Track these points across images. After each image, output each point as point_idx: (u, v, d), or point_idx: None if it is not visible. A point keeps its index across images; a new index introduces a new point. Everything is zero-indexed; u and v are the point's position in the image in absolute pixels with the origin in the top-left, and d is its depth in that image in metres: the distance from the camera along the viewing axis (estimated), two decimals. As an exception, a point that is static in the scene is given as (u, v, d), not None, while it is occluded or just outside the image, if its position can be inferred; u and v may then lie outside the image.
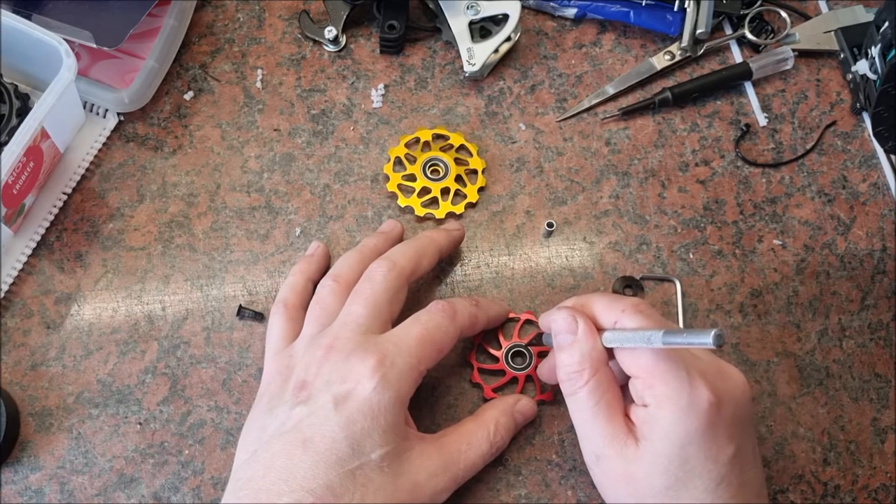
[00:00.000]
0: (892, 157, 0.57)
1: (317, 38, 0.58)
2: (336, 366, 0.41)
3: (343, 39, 0.58)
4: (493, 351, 0.51)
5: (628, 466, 0.41)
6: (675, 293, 0.53)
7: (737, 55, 0.59)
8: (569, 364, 0.42)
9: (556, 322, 0.44)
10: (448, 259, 0.53)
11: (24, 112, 0.50)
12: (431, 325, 0.44)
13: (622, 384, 0.43)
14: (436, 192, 0.54)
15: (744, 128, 0.57)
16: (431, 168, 0.55)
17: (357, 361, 0.41)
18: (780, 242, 0.55)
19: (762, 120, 0.58)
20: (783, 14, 0.59)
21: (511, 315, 0.52)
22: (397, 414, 0.41)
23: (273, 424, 0.42)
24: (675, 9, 0.58)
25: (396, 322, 0.46)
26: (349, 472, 0.39)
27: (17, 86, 0.51)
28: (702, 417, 0.39)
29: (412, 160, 0.55)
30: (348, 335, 0.43)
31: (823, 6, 0.61)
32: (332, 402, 0.40)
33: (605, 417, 0.42)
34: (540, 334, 0.48)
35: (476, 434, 0.45)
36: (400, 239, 0.52)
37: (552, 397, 0.50)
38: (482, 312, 0.48)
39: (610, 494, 0.43)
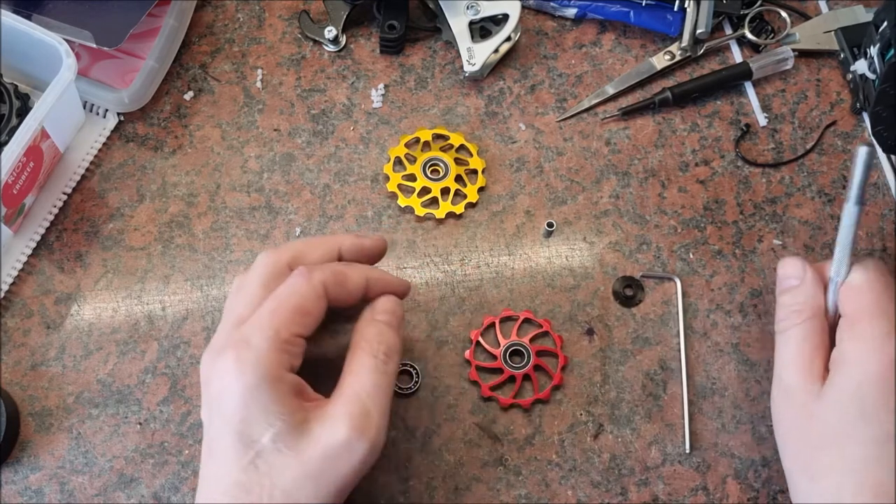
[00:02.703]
0: (892, 157, 0.57)
1: (317, 38, 0.58)
2: (210, 367, 0.41)
3: (343, 39, 0.58)
4: (490, 349, 0.51)
5: (810, 403, 0.43)
6: (676, 292, 0.53)
7: (737, 55, 0.59)
8: (790, 304, 0.46)
9: (784, 267, 0.48)
10: (448, 259, 0.53)
11: (24, 112, 0.50)
12: (284, 292, 0.41)
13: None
14: (436, 192, 0.54)
15: (744, 128, 0.57)
16: (431, 168, 0.55)
17: (219, 357, 0.40)
18: (780, 242, 0.55)
19: (762, 120, 0.58)
20: (783, 14, 0.59)
21: (510, 314, 0.52)
22: (271, 391, 0.39)
23: None
24: (675, 9, 0.58)
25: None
26: (249, 463, 0.38)
27: (17, 86, 0.51)
28: (884, 363, 0.42)
29: (412, 160, 0.55)
30: (222, 329, 0.42)
31: (823, 6, 0.61)
32: (214, 403, 0.40)
33: (809, 356, 0.44)
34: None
35: (356, 359, 0.41)
36: (370, 252, 0.47)
37: (549, 396, 0.50)
38: (354, 270, 0.44)
39: (784, 427, 0.45)
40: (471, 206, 0.55)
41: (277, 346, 0.40)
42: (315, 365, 0.42)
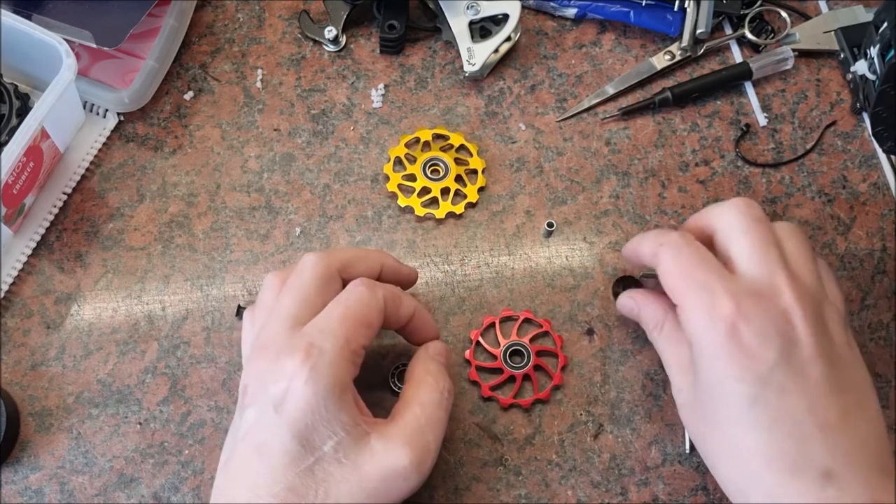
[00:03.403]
0: (892, 156, 0.57)
1: (317, 38, 0.58)
2: (268, 366, 0.40)
3: (343, 39, 0.58)
4: (490, 349, 0.51)
5: (689, 395, 0.44)
6: (675, 293, 0.53)
7: (737, 55, 0.59)
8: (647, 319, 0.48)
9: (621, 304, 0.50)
10: (448, 259, 0.53)
11: (24, 112, 0.50)
12: (352, 300, 0.42)
13: None
14: (436, 192, 0.54)
15: (744, 128, 0.57)
16: (431, 168, 0.55)
17: (286, 358, 0.40)
18: (780, 242, 0.55)
19: (762, 120, 0.58)
20: (783, 14, 0.59)
21: (510, 314, 0.52)
22: (339, 400, 0.39)
23: (234, 430, 0.42)
24: (675, 9, 0.58)
25: None
26: (306, 469, 0.39)
27: (17, 86, 0.51)
28: (719, 328, 0.40)
29: (412, 160, 0.55)
30: (276, 330, 0.42)
31: (823, 6, 0.61)
32: (272, 405, 0.39)
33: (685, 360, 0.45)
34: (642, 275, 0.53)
35: (421, 392, 0.43)
36: (405, 278, 0.49)
37: (549, 396, 0.50)
38: (406, 297, 0.46)
39: (688, 430, 0.46)
40: (471, 206, 0.55)
41: (347, 356, 0.40)
42: None
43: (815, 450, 0.39)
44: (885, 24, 0.53)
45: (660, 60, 0.58)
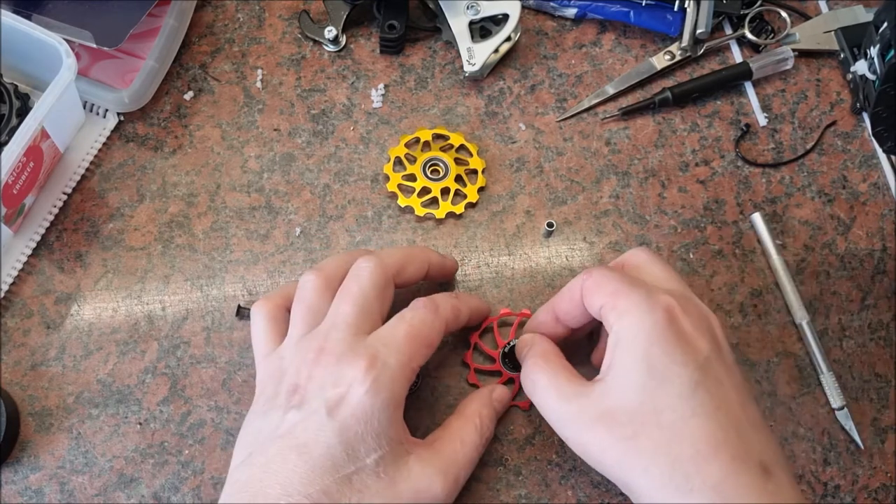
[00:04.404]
0: (892, 156, 0.57)
1: (317, 38, 0.58)
2: (327, 369, 0.41)
3: (343, 39, 0.58)
4: (489, 351, 0.51)
5: (600, 404, 0.40)
6: (675, 293, 0.53)
7: (737, 55, 0.59)
8: (527, 368, 0.45)
9: (517, 349, 0.48)
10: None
11: (24, 112, 0.50)
12: (417, 321, 0.44)
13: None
14: (436, 192, 0.54)
15: (744, 128, 0.57)
16: (431, 168, 0.55)
17: (348, 365, 0.41)
18: (780, 242, 0.55)
19: (762, 120, 0.58)
20: (783, 14, 0.59)
21: (509, 314, 0.52)
22: (391, 416, 0.41)
23: (267, 428, 0.41)
24: (675, 9, 0.58)
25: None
26: (345, 476, 0.39)
27: (17, 86, 0.51)
28: (659, 315, 0.40)
29: (412, 160, 0.55)
30: (338, 336, 0.42)
31: (823, 6, 0.61)
32: (325, 407, 0.40)
33: (566, 380, 0.43)
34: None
35: (465, 430, 0.45)
36: (450, 270, 0.51)
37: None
38: (463, 304, 0.47)
39: (594, 450, 0.40)
40: (471, 206, 0.55)
41: (407, 374, 0.42)
42: None
43: (752, 443, 0.39)
44: (885, 24, 0.53)
45: (660, 60, 0.58)
